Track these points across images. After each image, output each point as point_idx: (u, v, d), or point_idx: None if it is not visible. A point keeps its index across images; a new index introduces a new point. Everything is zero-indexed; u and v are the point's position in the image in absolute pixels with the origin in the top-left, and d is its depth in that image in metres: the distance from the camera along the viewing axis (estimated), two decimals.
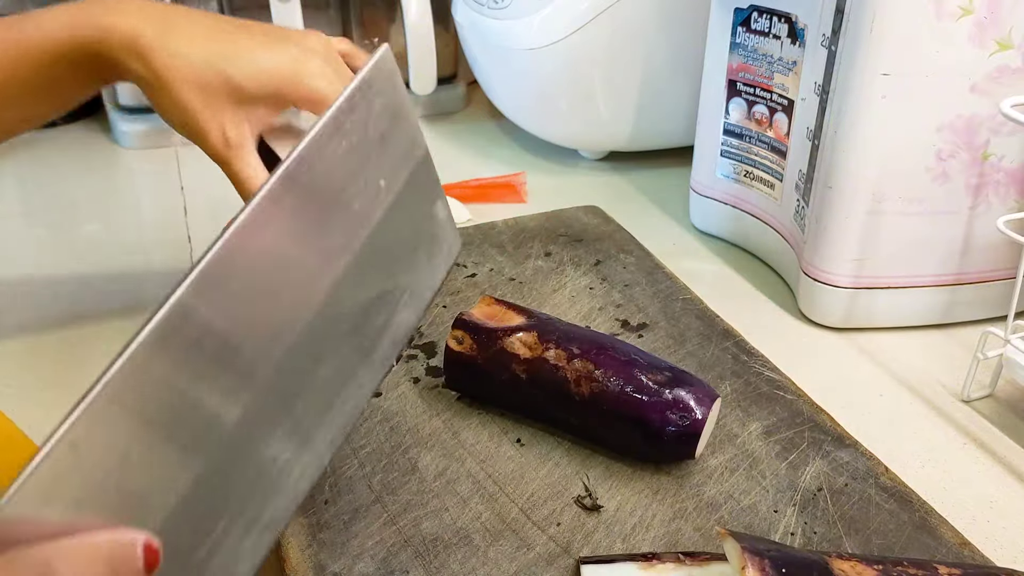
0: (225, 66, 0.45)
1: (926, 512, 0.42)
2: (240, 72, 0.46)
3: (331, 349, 0.35)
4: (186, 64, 0.45)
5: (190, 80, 0.45)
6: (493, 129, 0.96)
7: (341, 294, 0.35)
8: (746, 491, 0.43)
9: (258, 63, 0.46)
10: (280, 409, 0.32)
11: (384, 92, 0.37)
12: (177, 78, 0.45)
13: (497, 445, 0.46)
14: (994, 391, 0.54)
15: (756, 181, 0.67)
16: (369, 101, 0.36)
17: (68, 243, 0.74)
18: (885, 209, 0.55)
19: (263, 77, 0.46)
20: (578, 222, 0.69)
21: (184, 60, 0.45)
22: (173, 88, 0.45)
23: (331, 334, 0.34)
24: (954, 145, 0.54)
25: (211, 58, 0.45)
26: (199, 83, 0.45)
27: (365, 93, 0.36)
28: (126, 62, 0.46)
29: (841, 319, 0.60)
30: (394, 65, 0.38)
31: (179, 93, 0.45)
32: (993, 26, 0.50)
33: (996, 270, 0.58)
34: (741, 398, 0.49)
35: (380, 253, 0.37)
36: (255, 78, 0.46)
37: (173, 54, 0.45)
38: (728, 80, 0.66)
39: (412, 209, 0.40)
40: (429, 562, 0.39)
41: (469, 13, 0.84)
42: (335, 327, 0.35)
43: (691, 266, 0.68)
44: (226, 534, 0.29)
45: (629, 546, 0.40)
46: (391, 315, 0.39)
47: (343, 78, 0.48)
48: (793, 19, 0.59)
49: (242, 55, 0.46)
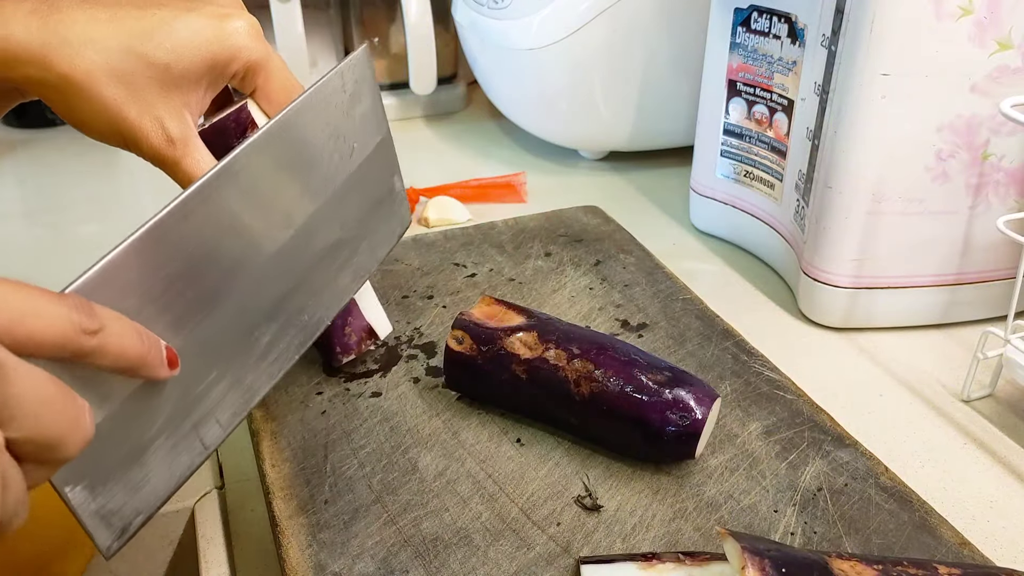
0: (143, 47, 0.38)
1: (926, 512, 0.42)
2: (162, 50, 0.38)
3: (305, 265, 0.42)
4: (97, 55, 0.37)
5: (106, 73, 0.37)
6: (493, 129, 0.96)
7: (315, 224, 0.42)
8: (746, 491, 0.43)
9: (179, 35, 0.38)
10: (263, 300, 0.39)
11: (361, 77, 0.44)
12: (90, 74, 0.37)
13: (497, 445, 0.46)
14: (994, 391, 0.54)
15: (756, 181, 0.67)
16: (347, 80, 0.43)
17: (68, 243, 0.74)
18: (885, 209, 0.55)
19: (190, 50, 0.39)
20: (578, 222, 0.69)
21: (93, 50, 0.37)
22: (88, 87, 0.37)
23: (306, 253, 0.42)
24: (954, 145, 0.54)
25: (124, 41, 0.37)
26: (118, 74, 0.37)
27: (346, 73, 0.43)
28: (18, 71, 0.37)
29: (841, 319, 0.60)
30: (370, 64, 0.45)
31: (97, 91, 0.37)
32: (993, 26, 0.50)
33: (996, 270, 0.58)
34: (741, 398, 0.49)
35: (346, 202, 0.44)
36: (180, 53, 0.38)
37: (77, 46, 0.37)
38: (728, 80, 0.66)
39: (375, 174, 0.47)
40: (429, 562, 0.39)
41: (469, 13, 0.84)
42: (307, 251, 0.42)
43: (691, 266, 0.68)
44: (216, 382, 0.37)
45: (629, 546, 0.40)
46: (352, 254, 0.46)
47: (261, 33, 0.42)
48: (793, 19, 0.59)
49: (158, 30, 0.38)
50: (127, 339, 0.29)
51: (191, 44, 0.39)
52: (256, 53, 0.40)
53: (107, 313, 0.29)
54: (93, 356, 0.28)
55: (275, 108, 0.42)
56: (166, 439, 0.34)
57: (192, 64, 0.39)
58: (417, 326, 0.56)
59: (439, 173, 0.84)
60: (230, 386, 0.38)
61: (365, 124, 0.45)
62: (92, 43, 0.37)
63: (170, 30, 0.38)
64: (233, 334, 0.38)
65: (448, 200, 0.76)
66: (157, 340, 0.31)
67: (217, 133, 0.42)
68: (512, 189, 0.79)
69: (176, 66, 0.38)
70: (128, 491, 0.33)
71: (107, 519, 0.32)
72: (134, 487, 0.33)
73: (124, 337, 0.29)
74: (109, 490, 0.32)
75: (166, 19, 0.38)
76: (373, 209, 0.47)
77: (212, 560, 0.45)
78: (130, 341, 0.30)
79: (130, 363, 0.30)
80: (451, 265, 0.63)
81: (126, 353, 0.29)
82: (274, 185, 0.39)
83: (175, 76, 0.38)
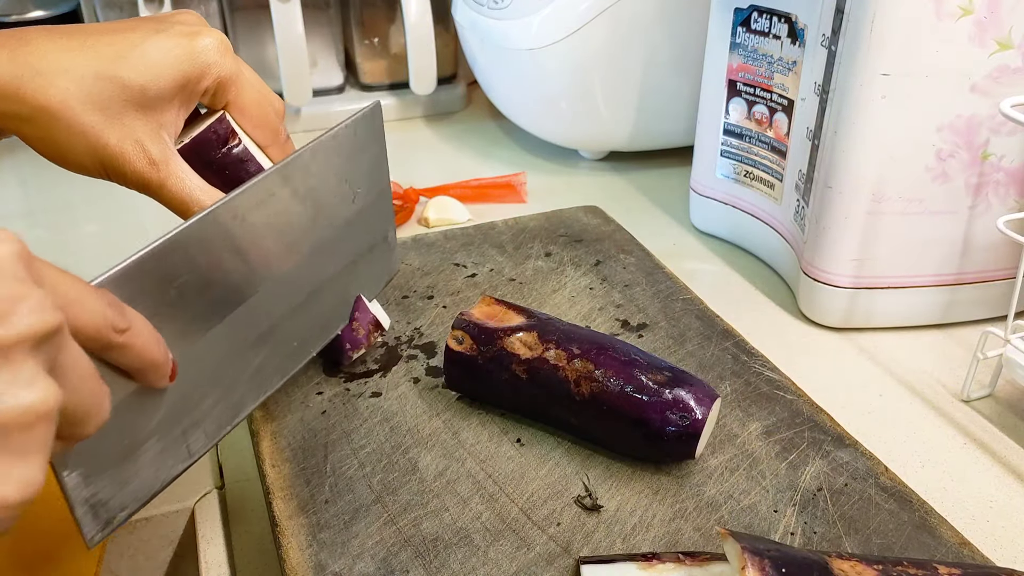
0: (117, 71, 0.37)
1: (926, 512, 0.42)
2: (135, 72, 0.38)
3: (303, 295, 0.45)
4: (71, 83, 0.37)
5: (81, 100, 0.37)
6: (493, 129, 0.96)
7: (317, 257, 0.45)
8: (746, 491, 0.43)
9: (151, 56, 0.38)
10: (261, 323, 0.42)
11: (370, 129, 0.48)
12: (65, 103, 0.37)
13: (497, 445, 0.46)
14: (994, 391, 0.54)
15: (756, 181, 0.67)
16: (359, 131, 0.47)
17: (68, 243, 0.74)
18: (885, 209, 0.55)
19: (162, 70, 0.38)
20: (578, 222, 0.69)
21: (67, 79, 0.37)
22: (64, 116, 0.37)
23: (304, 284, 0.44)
24: (954, 145, 0.54)
25: (97, 66, 0.37)
26: (94, 100, 0.37)
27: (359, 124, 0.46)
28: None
29: (841, 319, 0.60)
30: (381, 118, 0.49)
31: (75, 119, 0.37)
32: (993, 26, 0.50)
33: (996, 270, 0.58)
34: (741, 398, 0.49)
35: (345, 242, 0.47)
36: (154, 74, 0.38)
37: (50, 76, 0.36)
38: (728, 80, 0.66)
39: (373, 221, 0.50)
40: (429, 562, 0.39)
41: (469, 13, 0.84)
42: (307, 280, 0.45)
43: (691, 266, 0.68)
44: (207, 394, 0.39)
45: (629, 546, 0.40)
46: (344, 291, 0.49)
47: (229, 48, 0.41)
48: (793, 19, 0.59)
49: (130, 53, 0.38)
50: (149, 343, 0.31)
51: (163, 64, 0.38)
52: (226, 68, 0.40)
53: (135, 315, 0.30)
54: (117, 352, 0.29)
55: (249, 120, 0.43)
56: (157, 441, 0.36)
57: (166, 84, 0.39)
58: (417, 326, 0.56)
59: (439, 173, 0.84)
60: (219, 399, 0.40)
61: (369, 173, 0.48)
62: (65, 72, 0.37)
63: (142, 52, 0.38)
64: (229, 352, 0.40)
65: (448, 200, 0.76)
66: (167, 350, 0.33)
67: (199, 146, 0.42)
68: (512, 189, 0.79)
69: (151, 87, 0.38)
70: (117, 485, 0.35)
71: (95, 509, 0.34)
72: (123, 482, 0.35)
73: (147, 340, 0.31)
74: (101, 482, 0.34)
75: (136, 41, 0.38)
76: (367, 252, 0.50)
77: (212, 560, 0.45)
78: (151, 345, 0.31)
79: (145, 366, 0.32)
80: (451, 265, 0.63)
81: (145, 355, 0.31)
82: (285, 217, 0.42)
83: (151, 97, 0.38)
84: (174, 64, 0.39)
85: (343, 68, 0.99)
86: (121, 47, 0.38)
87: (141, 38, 0.39)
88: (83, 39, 0.38)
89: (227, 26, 0.94)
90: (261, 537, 0.46)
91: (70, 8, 0.94)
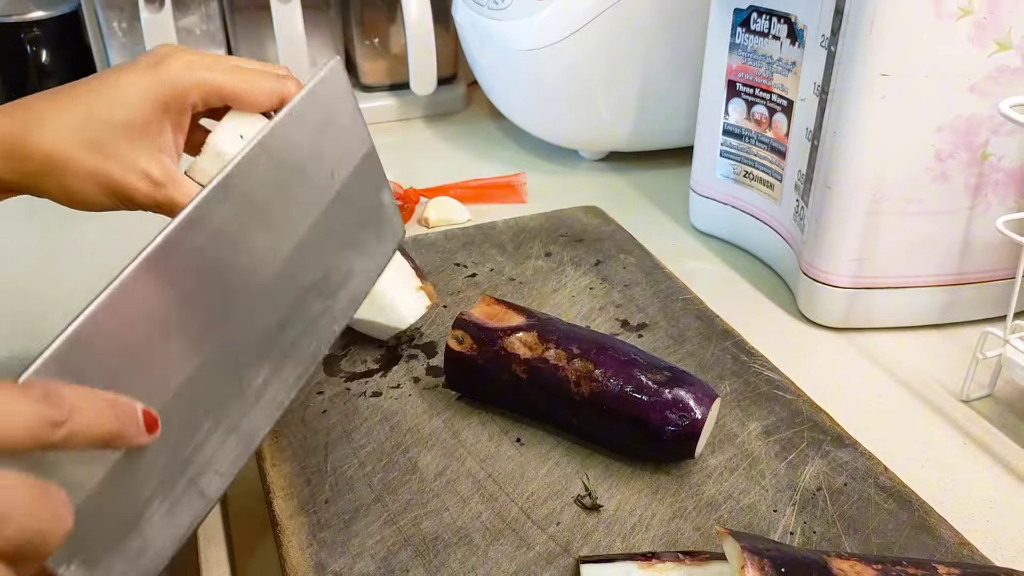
0: (100, 112, 0.41)
1: (925, 512, 0.42)
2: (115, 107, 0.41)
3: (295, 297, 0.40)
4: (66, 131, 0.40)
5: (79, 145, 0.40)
6: (493, 129, 0.96)
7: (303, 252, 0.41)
8: (745, 491, 0.43)
9: (126, 91, 0.41)
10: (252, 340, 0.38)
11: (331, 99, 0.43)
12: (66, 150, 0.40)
13: (497, 445, 0.46)
14: (993, 391, 0.54)
15: (755, 181, 0.67)
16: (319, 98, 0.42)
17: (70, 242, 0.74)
18: (884, 209, 0.56)
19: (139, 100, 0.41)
20: (578, 222, 0.69)
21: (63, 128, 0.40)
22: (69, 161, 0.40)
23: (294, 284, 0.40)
24: (953, 145, 0.54)
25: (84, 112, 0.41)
26: (88, 142, 0.40)
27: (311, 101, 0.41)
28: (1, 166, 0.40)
29: (840, 319, 0.60)
30: (344, 75, 0.43)
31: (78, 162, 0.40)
32: (992, 26, 0.50)
33: (995, 270, 0.58)
34: (741, 398, 0.49)
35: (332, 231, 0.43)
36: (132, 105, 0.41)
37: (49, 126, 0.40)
38: (728, 80, 0.66)
39: (361, 191, 0.45)
40: (429, 561, 0.39)
41: (469, 13, 0.84)
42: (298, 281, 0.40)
43: (691, 266, 0.68)
44: (210, 433, 0.35)
45: (629, 545, 0.40)
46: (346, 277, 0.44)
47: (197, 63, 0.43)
48: (792, 20, 0.59)
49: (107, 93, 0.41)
50: (98, 418, 0.29)
51: (137, 95, 0.41)
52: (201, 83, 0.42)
53: (75, 394, 0.28)
54: (64, 444, 0.27)
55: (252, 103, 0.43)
56: (161, 502, 0.33)
57: (146, 112, 0.41)
58: (417, 326, 0.56)
59: (439, 173, 0.84)
60: (227, 434, 0.36)
61: (344, 141, 0.44)
62: (59, 122, 0.40)
63: (117, 90, 0.41)
64: (223, 379, 0.36)
65: (448, 200, 0.76)
66: (132, 407, 0.31)
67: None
68: (512, 189, 0.79)
69: (135, 119, 0.41)
70: (128, 560, 0.31)
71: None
72: (134, 555, 0.32)
73: (95, 417, 0.29)
74: (107, 563, 0.31)
75: (111, 83, 0.42)
76: (362, 228, 0.45)
77: (212, 560, 0.45)
78: (102, 419, 0.29)
79: (103, 441, 0.29)
80: (451, 265, 0.63)
81: (98, 433, 0.29)
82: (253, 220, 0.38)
83: (138, 128, 0.41)
84: (147, 93, 0.41)
85: None
86: (100, 91, 0.41)
87: (115, 78, 0.42)
88: (71, 92, 0.42)
89: (227, 26, 0.94)
90: (261, 537, 0.46)
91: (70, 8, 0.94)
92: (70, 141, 0.40)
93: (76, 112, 0.41)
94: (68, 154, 0.40)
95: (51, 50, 0.93)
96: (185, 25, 0.90)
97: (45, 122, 0.40)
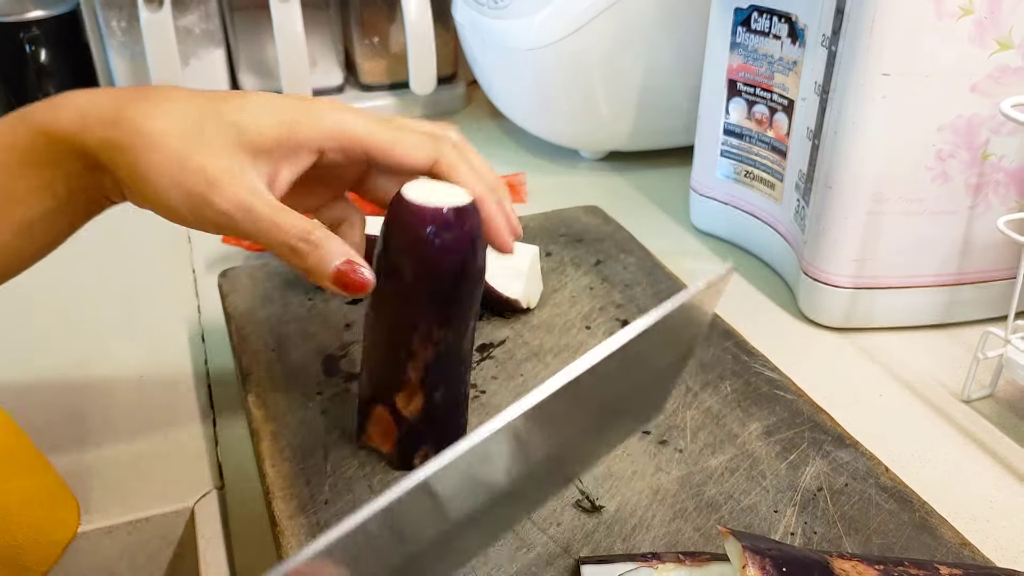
0: (218, 107, 0.37)
1: (926, 512, 0.42)
2: (234, 110, 0.37)
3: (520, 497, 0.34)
4: (175, 112, 0.37)
5: (184, 129, 0.36)
6: (493, 129, 0.96)
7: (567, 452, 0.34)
8: (746, 491, 0.43)
9: (253, 102, 0.38)
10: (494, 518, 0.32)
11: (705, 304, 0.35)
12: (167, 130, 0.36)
13: None
14: (994, 391, 0.54)
15: (756, 181, 0.67)
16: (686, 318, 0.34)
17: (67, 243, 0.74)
18: (885, 209, 0.55)
19: (261, 115, 0.37)
20: (578, 222, 0.69)
21: (172, 108, 0.37)
22: (162, 143, 0.36)
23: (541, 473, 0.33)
24: (954, 145, 0.54)
25: (200, 103, 0.37)
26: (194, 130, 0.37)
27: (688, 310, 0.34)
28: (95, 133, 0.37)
29: (841, 319, 0.60)
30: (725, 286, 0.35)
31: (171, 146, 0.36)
32: (993, 26, 0.50)
33: (996, 270, 0.58)
34: (741, 398, 0.49)
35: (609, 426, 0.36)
36: (252, 115, 0.37)
37: (156, 106, 0.37)
38: (728, 80, 0.66)
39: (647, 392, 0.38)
40: None
41: (469, 13, 0.84)
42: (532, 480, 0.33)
43: (691, 266, 0.68)
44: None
45: (629, 546, 0.40)
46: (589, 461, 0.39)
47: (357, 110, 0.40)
48: (793, 19, 0.59)
49: (232, 97, 0.38)
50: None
51: (263, 111, 0.37)
52: (343, 127, 0.38)
53: None
54: None
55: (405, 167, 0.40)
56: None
57: (264, 128, 0.37)
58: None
59: None
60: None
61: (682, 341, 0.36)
62: (170, 105, 0.37)
63: (244, 98, 0.38)
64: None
65: None
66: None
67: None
68: (512, 189, 0.79)
69: (248, 127, 0.37)
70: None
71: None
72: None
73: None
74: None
75: (241, 93, 0.38)
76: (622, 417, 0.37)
77: (212, 560, 0.45)
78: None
79: None
80: None
81: None
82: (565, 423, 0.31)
83: (248, 139, 0.37)
84: (277, 112, 0.38)
85: (343, 68, 0.99)
86: (223, 94, 0.38)
87: (246, 92, 0.39)
88: (193, 90, 0.38)
89: (226, 25, 0.94)
90: (261, 537, 0.46)
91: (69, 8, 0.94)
92: (174, 122, 0.36)
93: (190, 99, 0.37)
94: (165, 134, 0.36)
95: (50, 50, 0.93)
96: (184, 24, 0.90)
97: (156, 99, 0.37)
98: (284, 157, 0.38)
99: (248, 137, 0.37)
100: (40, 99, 0.39)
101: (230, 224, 0.37)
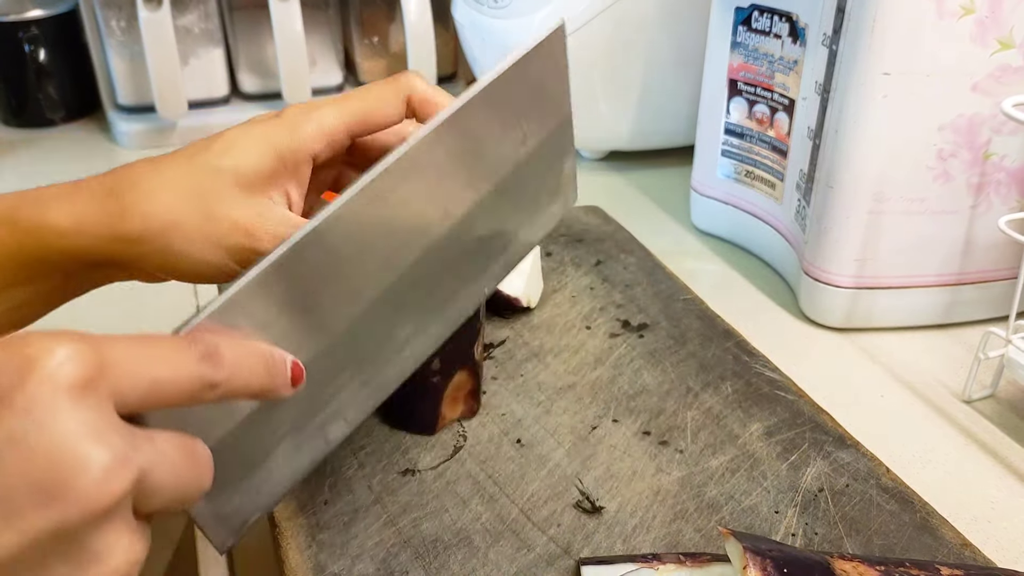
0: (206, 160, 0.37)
1: (927, 513, 0.42)
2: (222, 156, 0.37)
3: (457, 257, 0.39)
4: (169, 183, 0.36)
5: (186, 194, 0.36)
6: None
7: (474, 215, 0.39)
8: (747, 492, 0.43)
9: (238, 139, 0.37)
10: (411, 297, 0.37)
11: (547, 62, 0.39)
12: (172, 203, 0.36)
13: (497, 446, 0.46)
14: (996, 391, 0.54)
15: (757, 181, 0.67)
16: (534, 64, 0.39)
17: None
18: (886, 209, 0.55)
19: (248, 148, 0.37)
20: (578, 222, 0.69)
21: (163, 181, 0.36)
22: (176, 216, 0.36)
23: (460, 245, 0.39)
24: (955, 144, 0.54)
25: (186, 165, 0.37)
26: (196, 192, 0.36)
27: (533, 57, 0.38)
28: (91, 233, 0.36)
29: (842, 319, 0.60)
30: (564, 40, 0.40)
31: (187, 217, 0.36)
32: (994, 25, 0.50)
33: (997, 270, 0.58)
34: (742, 399, 0.49)
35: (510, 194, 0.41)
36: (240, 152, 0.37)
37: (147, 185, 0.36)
38: (729, 79, 0.65)
39: (547, 159, 0.43)
40: (429, 563, 0.39)
41: (469, 13, 0.84)
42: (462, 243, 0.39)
43: (692, 266, 0.68)
44: (347, 382, 0.35)
45: (630, 547, 0.40)
46: (507, 243, 0.43)
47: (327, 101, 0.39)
48: (794, 18, 0.59)
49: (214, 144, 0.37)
50: (252, 376, 0.29)
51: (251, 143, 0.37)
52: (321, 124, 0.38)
53: (233, 353, 0.27)
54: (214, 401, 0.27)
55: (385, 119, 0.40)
56: (289, 441, 0.33)
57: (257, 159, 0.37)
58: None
59: None
60: (362, 385, 0.36)
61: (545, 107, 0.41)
62: (161, 175, 0.36)
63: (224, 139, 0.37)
64: (375, 334, 0.36)
65: None
66: (283, 362, 0.30)
67: None
68: None
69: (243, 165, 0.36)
70: (246, 495, 0.32)
71: (225, 520, 0.32)
72: (253, 491, 0.32)
73: (249, 375, 0.28)
74: (228, 496, 0.31)
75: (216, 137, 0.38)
76: (536, 196, 0.43)
77: (212, 560, 0.45)
78: (255, 376, 0.29)
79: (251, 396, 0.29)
80: None
81: (249, 389, 0.29)
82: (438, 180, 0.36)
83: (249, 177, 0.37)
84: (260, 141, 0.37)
85: (342, 67, 0.99)
86: (201, 144, 0.37)
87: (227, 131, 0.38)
88: (172, 153, 0.38)
89: (225, 25, 0.94)
90: (261, 537, 0.46)
91: (68, 8, 0.94)
92: (174, 193, 0.36)
93: (178, 164, 0.36)
94: (174, 207, 0.35)
95: (49, 49, 0.93)
96: (183, 24, 0.90)
97: (147, 180, 0.36)
98: (287, 179, 0.38)
99: (248, 177, 0.37)
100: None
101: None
